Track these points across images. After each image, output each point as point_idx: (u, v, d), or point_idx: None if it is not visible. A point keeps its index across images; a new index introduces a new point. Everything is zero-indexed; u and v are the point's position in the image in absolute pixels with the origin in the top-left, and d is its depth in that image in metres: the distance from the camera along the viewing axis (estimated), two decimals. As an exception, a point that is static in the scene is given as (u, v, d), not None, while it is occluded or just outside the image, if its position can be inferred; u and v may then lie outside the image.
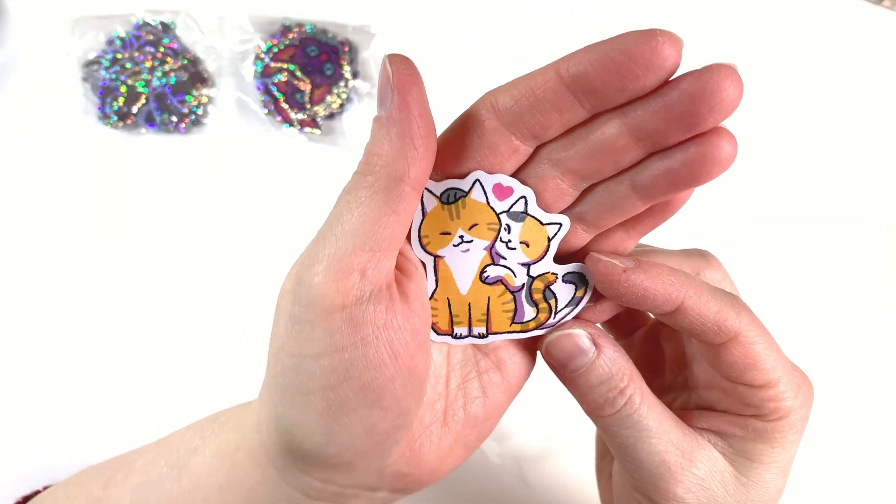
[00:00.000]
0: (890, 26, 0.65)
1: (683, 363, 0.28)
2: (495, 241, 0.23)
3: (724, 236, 0.55)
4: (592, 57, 0.19)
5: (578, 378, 0.24)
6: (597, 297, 0.25)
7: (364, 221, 0.20)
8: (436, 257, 0.24)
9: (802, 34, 0.64)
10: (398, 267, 0.23)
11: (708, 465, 0.24)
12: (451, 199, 0.23)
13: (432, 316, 0.24)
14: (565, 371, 0.24)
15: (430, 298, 0.24)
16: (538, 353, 0.26)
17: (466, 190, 0.22)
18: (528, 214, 0.23)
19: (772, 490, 0.25)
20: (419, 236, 0.23)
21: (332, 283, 0.20)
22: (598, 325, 0.25)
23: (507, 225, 0.23)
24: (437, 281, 0.24)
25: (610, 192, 0.23)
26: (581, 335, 0.24)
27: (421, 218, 0.23)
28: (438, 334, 0.25)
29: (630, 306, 0.24)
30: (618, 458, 0.26)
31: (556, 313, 0.24)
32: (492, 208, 0.23)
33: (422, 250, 0.23)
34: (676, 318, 0.23)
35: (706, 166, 0.20)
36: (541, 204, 0.23)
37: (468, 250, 0.23)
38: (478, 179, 0.22)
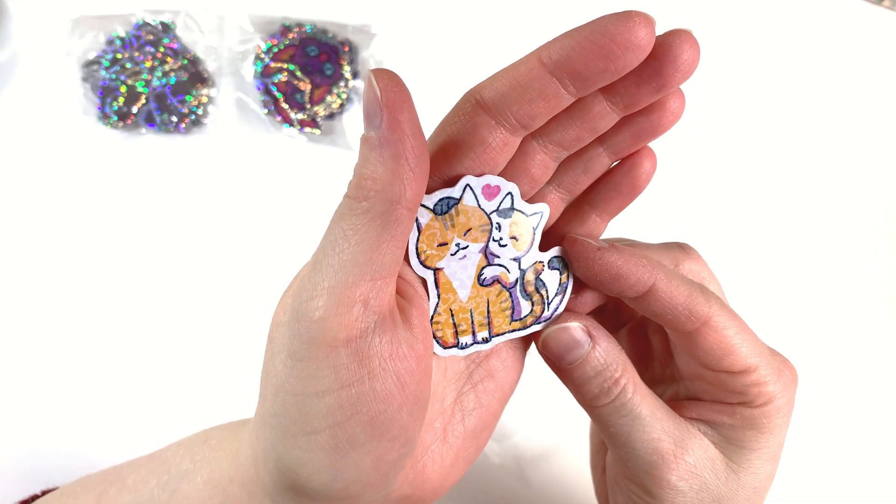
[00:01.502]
0: (890, 26, 0.65)
1: (670, 356, 0.28)
2: (488, 241, 0.23)
3: (722, 235, 0.55)
4: (573, 41, 0.20)
5: (574, 370, 0.24)
6: (579, 287, 0.25)
7: (362, 250, 0.19)
8: (436, 270, 0.23)
9: (802, 34, 0.64)
10: (397, 291, 0.22)
11: (700, 452, 0.25)
12: (445, 208, 0.22)
13: (437, 331, 0.24)
14: (562, 363, 0.25)
15: (434, 313, 0.24)
16: (527, 353, 0.27)
17: (458, 197, 0.22)
18: (515, 209, 0.23)
19: (762, 476, 0.25)
20: (417, 252, 0.23)
21: (335, 317, 0.19)
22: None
23: (497, 223, 0.23)
24: (438, 295, 0.24)
25: (581, 156, 0.24)
26: (576, 328, 0.24)
27: (417, 234, 0.23)
28: (445, 348, 0.24)
29: (604, 289, 0.24)
30: (612, 448, 0.26)
31: (548, 304, 0.25)
32: (483, 210, 0.23)
33: (421, 266, 0.23)
34: (649, 303, 0.24)
35: (663, 118, 0.22)
36: (528, 180, 0.23)
37: (465, 256, 0.23)
38: (468, 184, 0.22)
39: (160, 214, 0.51)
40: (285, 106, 0.54)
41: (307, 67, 0.55)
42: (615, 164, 0.24)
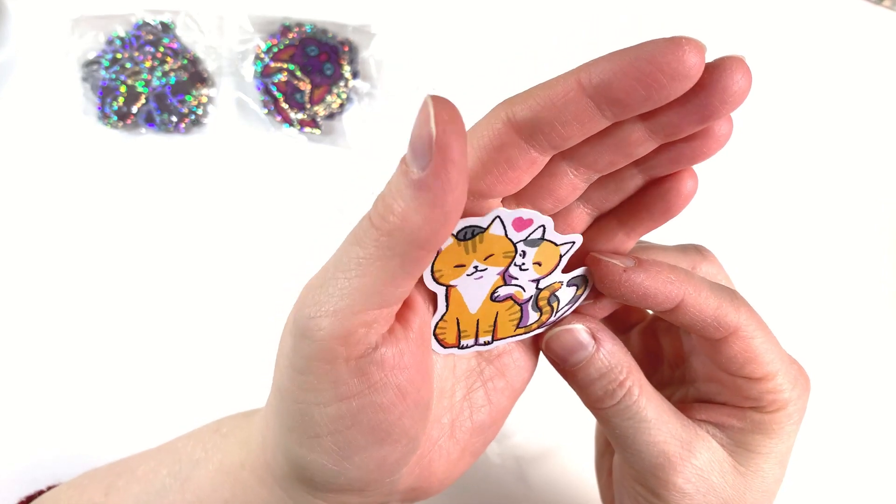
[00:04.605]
0: (890, 26, 0.65)
1: (681, 358, 0.28)
2: (509, 266, 0.23)
3: (723, 233, 0.55)
4: (616, 66, 0.18)
5: (579, 372, 0.24)
6: (595, 294, 0.25)
7: (373, 282, 0.19)
8: (448, 287, 0.23)
9: (802, 34, 0.64)
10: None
11: (707, 455, 0.25)
12: (469, 235, 0.21)
13: (440, 333, 0.24)
14: (566, 365, 0.24)
15: (440, 320, 0.23)
16: (540, 352, 0.27)
17: (485, 227, 0.21)
18: (545, 240, 0.22)
19: (770, 480, 0.25)
20: (432, 271, 0.22)
21: (338, 339, 0.19)
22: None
23: (522, 251, 0.22)
24: (447, 306, 0.23)
25: (614, 176, 0.23)
26: (580, 329, 0.24)
27: (435, 255, 0.22)
28: (445, 348, 0.24)
29: (631, 304, 0.24)
30: (618, 450, 0.26)
31: (556, 312, 0.24)
32: (509, 239, 0.22)
33: (434, 282, 0.22)
34: (676, 315, 0.23)
35: (706, 144, 0.21)
36: (554, 200, 0.22)
37: (481, 277, 0.23)
38: (498, 216, 0.21)
39: (160, 214, 0.51)
40: (285, 106, 0.54)
41: (307, 67, 0.55)
42: (650, 181, 0.23)
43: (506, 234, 0.22)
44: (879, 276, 0.56)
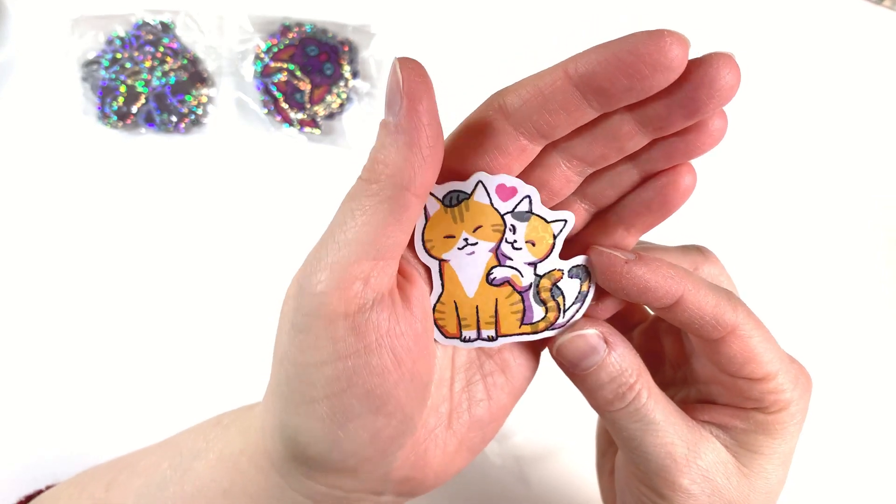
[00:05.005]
0: (890, 26, 0.65)
1: (683, 359, 0.28)
2: (500, 242, 0.23)
3: (723, 233, 0.55)
4: (601, 57, 0.19)
5: (589, 376, 0.24)
6: (599, 294, 0.25)
7: (368, 230, 0.20)
8: (441, 261, 0.23)
9: (802, 34, 0.64)
10: (400, 271, 0.22)
11: (712, 456, 0.25)
12: (454, 201, 0.22)
13: (440, 319, 0.24)
14: (576, 370, 0.24)
15: (437, 302, 0.24)
16: (541, 353, 0.27)
17: (469, 192, 0.22)
18: (533, 213, 0.23)
19: (773, 481, 0.25)
20: (423, 241, 0.23)
21: (335, 291, 0.20)
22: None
23: (511, 225, 0.23)
24: (443, 285, 0.23)
25: (609, 171, 0.23)
26: (592, 335, 0.24)
27: (424, 222, 0.23)
28: (447, 338, 0.24)
29: (630, 300, 0.24)
30: (624, 451, 0.26)
31: (564, 312, 0.24)
32: (496, 209, 0.22)
33: (426, 255, 0.23)
34: (675, 313, 0.23)
35: (699, 139, 0.21)
36: (548, 192, 0.23)
37: (473, 252, 0.23)
38: (480, 181, 0.22)
39: (160, 214, 0.51)
40: (285, 106, 0.54)
41: (307, 67, 0.55)
42: (647, 177, 0.23)
43: (491, 203, 0.22)
44: (879, 276, 0.56)
